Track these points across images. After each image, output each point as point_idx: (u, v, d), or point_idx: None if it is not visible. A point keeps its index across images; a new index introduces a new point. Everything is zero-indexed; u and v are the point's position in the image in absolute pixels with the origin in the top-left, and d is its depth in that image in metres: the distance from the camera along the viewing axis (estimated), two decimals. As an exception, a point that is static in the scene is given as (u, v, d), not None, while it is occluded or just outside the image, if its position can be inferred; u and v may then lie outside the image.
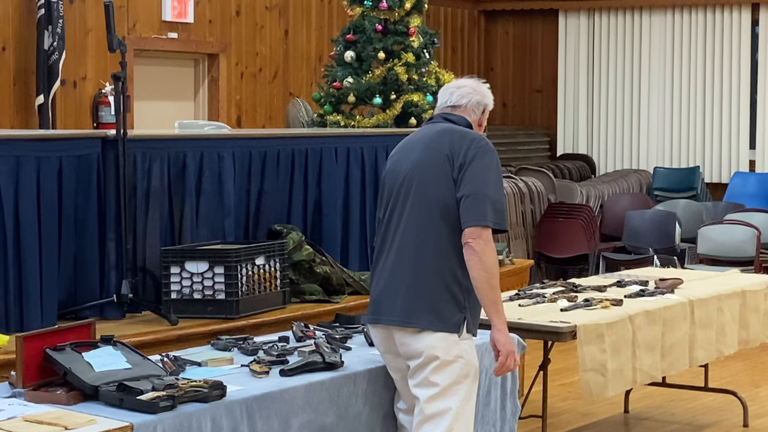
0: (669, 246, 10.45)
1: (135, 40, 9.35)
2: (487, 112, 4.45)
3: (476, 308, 4.21)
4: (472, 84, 4.44)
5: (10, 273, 5.30)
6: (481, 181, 4.10)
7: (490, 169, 4.14)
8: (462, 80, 4.52)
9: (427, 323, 4.11)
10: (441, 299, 4.12)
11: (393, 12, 8.54)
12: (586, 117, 13.01)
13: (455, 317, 4.11)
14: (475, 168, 4.12)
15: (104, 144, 5.78)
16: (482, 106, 4.43)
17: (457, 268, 4.12)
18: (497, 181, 4.14)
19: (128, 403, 3.70)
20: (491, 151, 4.19)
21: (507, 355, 4.16)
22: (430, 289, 4.12)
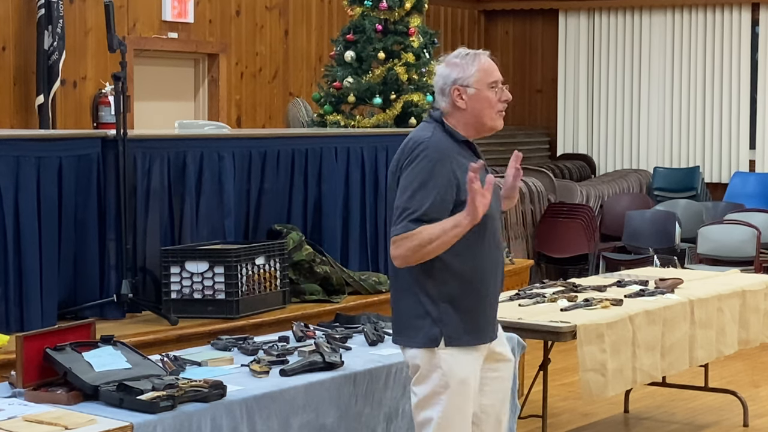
0: (669, 246, 10.45)
1: (135, 40, 9.35)
2: (459, 87, 3.94)
3: (458, 317, 3.93)
4: (440, 68, 4.04)
5: (10, 273, 5.30)
6: (401, 193, 3.87)
7: (413, 177, 3.85)
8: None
9: (407, 340, 3.99)
10: (414, 314, 3.96)
11: (393, 12, 8.54)
12: (586, 117, 13.01)
13: (431, 331, 3.92)
14: (402, 180, 3.89)
15: (104, 144, 5.78)
16: (448, 86, 3.97)
17: (424, 279, 3.92)
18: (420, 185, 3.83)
19: (128, 403, 3.70)
20: (421, 157, 3.86)
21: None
22: (405, 305, 3.99)
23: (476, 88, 3.94)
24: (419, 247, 3.80)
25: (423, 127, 4.03)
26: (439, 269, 3.91)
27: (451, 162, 3.88)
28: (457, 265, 3.92)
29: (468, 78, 3.94)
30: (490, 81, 3.96)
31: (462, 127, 3.98)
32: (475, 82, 3.94)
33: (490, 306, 4.06)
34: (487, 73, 3.96)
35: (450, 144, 3.94)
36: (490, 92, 3.96)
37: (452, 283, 3.92)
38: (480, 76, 3.95)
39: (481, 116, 3.96)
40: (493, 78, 3.97)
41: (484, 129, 4.01)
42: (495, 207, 3.98)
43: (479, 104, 3.95)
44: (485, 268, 3.99)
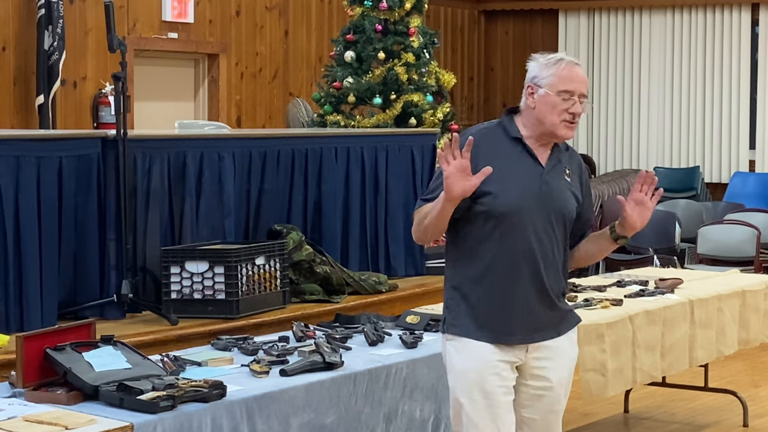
0: (669, 246, 10.45)
1: (135, 40, 9.35)
2: (533, 85, 3.93)
3: (464, 307, 3.89)
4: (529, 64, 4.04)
5: (10, 273, 5.30)
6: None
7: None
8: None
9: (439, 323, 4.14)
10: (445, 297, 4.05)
11: (393, 12, 8.55)
12: (586, 117, 13.00)
13: (443, 317, 3.99)
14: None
15: (104, 144, 5.79)
16: (527, 83, 3.98)
17: (448, 264, 3.99)
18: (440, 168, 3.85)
19: (128, 403, 3.70)
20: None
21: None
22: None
23: (547, 91, 3.88)
24: (418, 223, 3.86)
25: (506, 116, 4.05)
26: (455, 256, 3.94)
27: (479, 151, 3.80)
28: (467, 255, 3.89)
29: (543, 78, 3.90)
30: (562, 89, 3.87)
31: (529, 125, 3.93)
32: (547, 84, 3.88)
33: (510, 309, 3.89)
34: (561, 80, 3.88)
35: (495, 136, 3.93)
36: (558, 98, 3.87)
37: (465, 272, 3.90)
38: (554, 80, 3.88)
39: (544, 119, 3.88)
40: (566, 87, 3.87)
41: (548, 133, 3.91)
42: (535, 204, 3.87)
43: (545, 107, 3.88)
44: (504, 267, 3.86)
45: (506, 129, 3.95)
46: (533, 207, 3.88)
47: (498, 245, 3.85)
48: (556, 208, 3.91)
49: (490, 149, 3.87)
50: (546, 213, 3.90)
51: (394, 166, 7.22)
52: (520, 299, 3.90)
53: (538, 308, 3.91)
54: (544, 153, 3.94)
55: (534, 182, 3.87)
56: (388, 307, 6.43)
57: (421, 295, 6.74)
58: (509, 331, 3.89)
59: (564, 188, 3.95)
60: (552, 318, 3.95)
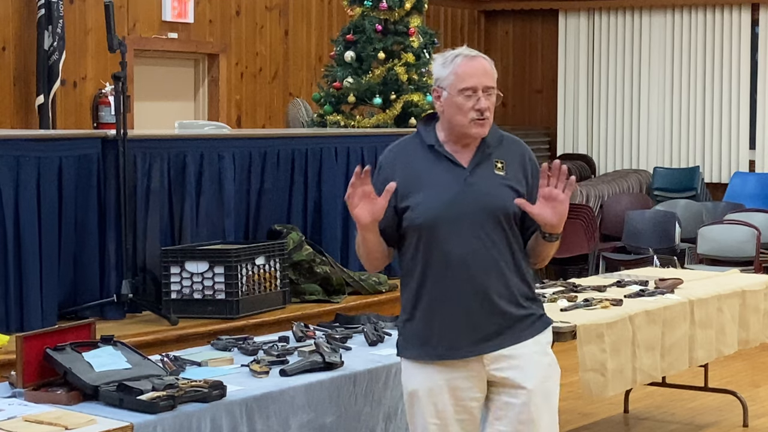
0: (669, 246, 10.45)
1: (135, 40, 9.35)
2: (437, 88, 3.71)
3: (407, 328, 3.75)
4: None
5: (10, 273, 5.30)
6: None
7: None
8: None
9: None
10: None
11: (393, 12, 8.54)
12: (586, 117, 13.01)
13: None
14: None
15: (104, 144, 5.79)
16: (433, 89, 3.78)
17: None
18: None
19: (128, 403, 3.70)
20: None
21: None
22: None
23: (449, 93, 3.68)
24: (358, 251, 3.77)
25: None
26: (401, 277, 3.80)
27: (395, 167, 3.73)
28: (405, 273, 3.75)
29: (443, 80, 3.70)
30: (462, 87, 3.67)
31: (445, 129, 3.75)
32: (448, 85, 3.68)
33: (449, 322, 3.69)
34: (459, 78, 3.67)
35: (411, 147, 3.79)
36: (461, 98, 3.67)
37: (405, 291, 3.76)
38: (452, 80, 3.68)
39: (453, 121, 3.70)
40: (466, 84, 3.66)
41: (462, 135, 3.72)
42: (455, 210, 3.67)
43: (451, 109, 3.69)
44: (438, 282, 3.67)
45: (422, 137, 3.77)
46: (456, 212, 3.67)
47: (425, 258, 3.67)
48: (486, 207, 3.68)
49: (407, 162, 3.74)
50: (474, 215, 3.68)
51: (394, 166, 7.22)
52: (457, 311, 3.68)
53: (481, 317, 3.68)
54: (466, 153, 3.73)
55: (454, 186, 3.67)
56: (388, 307, 6.43)
57: (421, 295, 6.73)
58: (452, 345, 3.69)
59: (495, 184, 3.71)
60: (504, 324, 3.70)
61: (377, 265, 3.76)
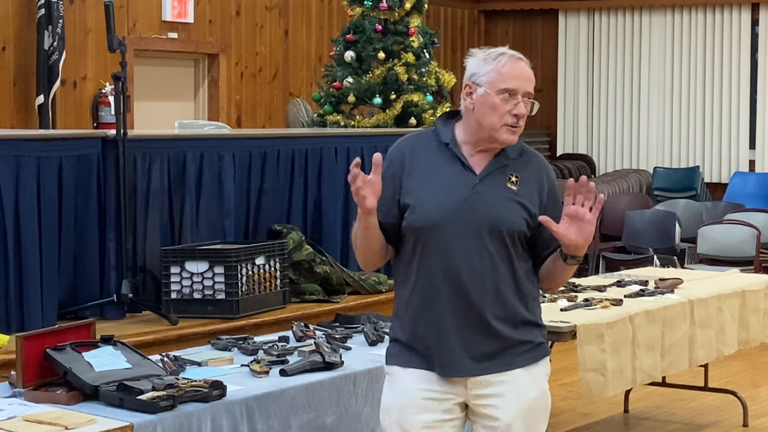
0: (669, 246, 10.45)
1: (135, 40, 9.35)
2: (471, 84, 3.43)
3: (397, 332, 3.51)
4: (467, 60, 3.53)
5: (11, 273, 5.30)
6: None
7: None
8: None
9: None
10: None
11: (393, 12, 8.54)
12: (586, 117, 13.01)
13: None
14: None
15: (104, 144, 5.79)
16: (466, 84, 3.47)
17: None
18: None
19: (128, 403, 3.70)
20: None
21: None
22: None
23: (486, 90, 3.39)
24: (354, 247, 3.51)
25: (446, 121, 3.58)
26: (395, 280, 3.57)
27: (404, 160, 3.48)
28: (399, 278, 3.51)
29: (482, 76, 3.40)
30: (503, 87, 3.40)
31: (468, 130, 3.46)
32: (487, 82, 3.39)
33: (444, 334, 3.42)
34: (501, 77, 3.39)
35: (427, 142, 3.49)
36: (498, 98, 3.40)
37: (397, 296, 3.52)
38: (493, 77, 3.39)
39: (483, 121, 3.41)
40: (507, 85, 3.40)
41: (488, 138, 3.43)
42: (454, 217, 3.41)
43: (484, 108, 3.40)
44: (432, 288, 3.40)
45: (438, 134, 3.49)
46: (458, 219, 3.39)
47: (420, 265, 3.41)
48: (491, 220, 3.40)
49: (417, 156, 3.47)
50: (476, 226, 3.40)
51: (394, 166, 7.22)
52: (447, 327, 3.41)
53: (472, 337, 3.40)
54: (481, 160, 3.44)
55: (461, 191, 3.39)
56: (388, 307, 6.41)
57: (421, 295, 6.73)
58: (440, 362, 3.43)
59: (505, 197, 3.42)
60: (496, 348, 3.41)
61: (374, 260, 3.48)
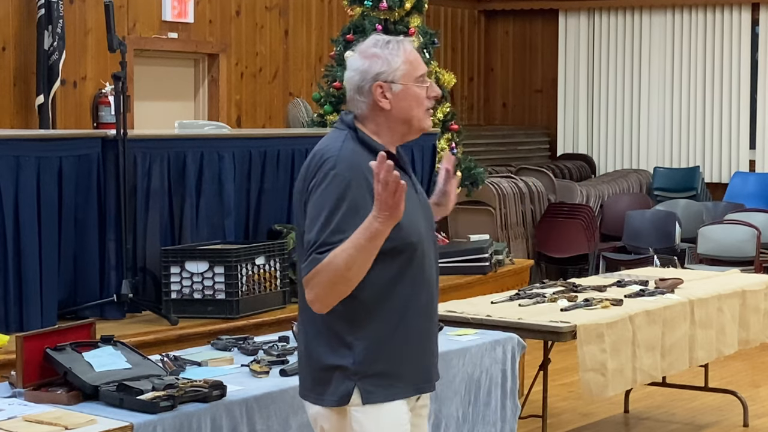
0: (669, 246, 10.45)
1: (135, 40, 9.35)
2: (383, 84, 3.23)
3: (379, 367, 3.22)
4: (354, 60, 3.30)
5: (10, 273, 5.30)
6: (310, 224, 3.17)
7: (322, 203, 3.16)
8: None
9: (316, 397, 3.29)
10: (325, 365, 3.24)
11: (393, 12, 8.54)
12: (586, 117, 13.01)
13: (341, 386, 3.21)
14: (310, 208, 3.20)
15: (104, 144, 5.78)
16: (367, 83, 3.25)
17: (339, 322, 3.21)
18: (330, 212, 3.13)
19: (128, 403, 3.70)
20: (330, 177, 3.17)
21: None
22: (315, 352, 3.27)
23: (403, 84, 3.25)
24: (337, 277, 3.09)
25: (333, 136, 3.32)
26: (356, 310, 3.20)
27: (367, 180, 3.14)
28: (378, 304, 3.21)
29: (393, 72, 3.25)
30: (418, 75, 3.28)
31: (385, 132, 3.29)
32: (402, 76, 3.25)
33: (424, 351, 3.34)
34: (414, 66, 3.27)
35: (365, 157, 3.21)
36: (418, 88, 3.28)
37: (373, 326, 3.21)
38: (407, 69, 3.25)
39: (409, 117, 3.28)
40: (421, 71, 3.29)
41: (412, 131, 3.32)
42: (425, 228, 3.32)
43: (407, 103, 3.26)
44: (416, 306, 3.27)
45: (367, 144, 3.26)
46: (426, 230, 3.34)
47: (409, 279, 3.25)
48: (433, 224, 3.42)
49: (369, 172, 3.11)
50: (432, 233, 3.40)
51: (394, 166, 7.21)
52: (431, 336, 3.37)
53: (436, 348, 3.41)
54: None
55: (414, 199, 3.27)
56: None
57: (421, 295, 6.72)
58: (429, 377, 3.37)
59: (425, 200, 3.44)
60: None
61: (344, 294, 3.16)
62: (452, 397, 4.74)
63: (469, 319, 5.42)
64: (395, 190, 2.98)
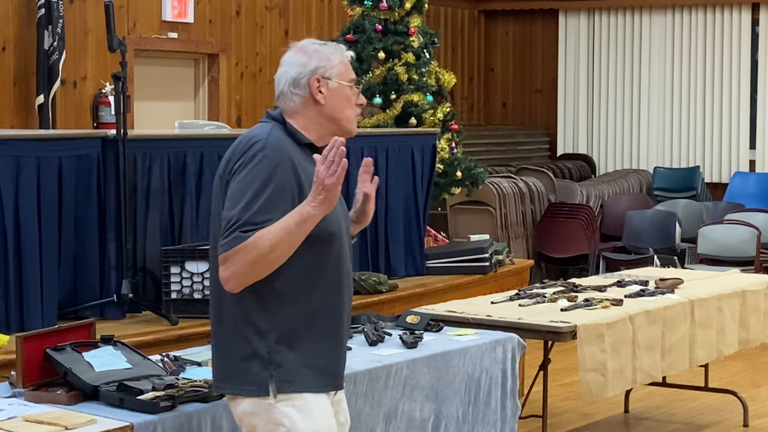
0: (669, 246, 10.45)
1: (135, 40, 9.35)
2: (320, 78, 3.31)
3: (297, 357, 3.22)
4: (291, 55, 3.39)
5: (10, 273, 5.30)
6: (232, 201, 3.18)
7: (248, 182, 3.17)
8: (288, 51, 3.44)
9: (233, 387, 3.29)
10: (241, 355, 3.23)
11: (393, 12, 8.54)
12: (586, 117, 13.01)
13: (260, 376, 3.21)
14: (234, 185, 3.21)
15: (104, 144, 5.78)
16: (305, 76, 3.34)
17: (254, 310, 3.20)
18: (256, 191, 3.15)
19: (128, 403, 3.70)
20: (258, 158, 3.19)
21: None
22: (231, 344, 3.26)
23: (338, 82, 3.33)
24: (260, 257, 3.09)
25: (259, 126, 3.37)
26: (272, 298, 3.21)
27: (294, 165, 3.22)
28: (293, 293, 3.23)
29: (331, 68, 3.33)
30: (351, 77, 3.37)
31: (314, 127, 3.34)
32: (338, 74, 3.33)
33: (338, 347, 3.34)
34: (348, 69, 3.38)
35: (291, 146, 3.27)
36: (350, 90, 3.36)
37: (287, 314, 3.22)
38: (342, 69, 3.34)
39: (339, 115, 3.34)
40: (353, 76, 3.39)
41: (339, 131, 3.35)
42: (344, 225, 3.37)
43: (339, 101, 3.33)
44: (331, 299, 3.29)
45: (293, 135, 3.32)
46: (343, 223, 3.38)
47: (325, 275, 3.27)
48: (348, 221, 3.47)
49: (296, 160, 3.25)
50: (348, 237, 3.43)
51: (394, 166, 7.22)
52: (344, 334, 3.38)
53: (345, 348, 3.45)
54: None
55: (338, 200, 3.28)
56: (388, 307, 6.42)
57: (421, 295, 6.74)
58: (342, 374, 3.40)
59: (345, 206, 3.51)
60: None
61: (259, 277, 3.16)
62: (452, 397, 4.74)
63: (469, 319, 5.42)
64: (336, 171, 3.07)
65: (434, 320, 5.14)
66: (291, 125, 3.33)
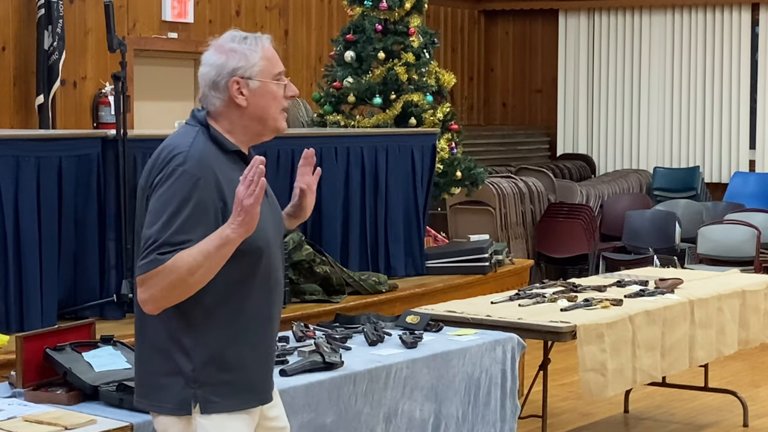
0: (669, 246, 10.45)
1: (135, 40, 9.35)
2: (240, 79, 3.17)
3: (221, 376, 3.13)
4: (210, 55, 3.30)
5: (10, 273, 5.30)
6: (151, 219, 3.07)
7: (167, 199, 3.05)
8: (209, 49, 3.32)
9: (153, 404, 3.20)
10: (163, 371, 3.14)
11: (393, 12, 8.53)
12: (586, 117, 13.01)
13: (181, 394, 3.11)
14: (154, 202, 3.10)
15: (104, 144, 5.78)
16: (223, 79, 3.19)
17: (177, 327, 3.10)
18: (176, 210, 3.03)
19: (128, 403, 3.70)
20: (177, 173, 3.06)
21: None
22: (153, 359, 3.17)
23: (260, 81, 3.18)
24: (178, 281, 2.99)
25: (183, 131, 3.21)
26: (198, 315, 3.11)
27: (217, 180, 3.08)
28: (220, 309, 3.13)
29: (251, 68, 3.18)
30: (276, 72, 3.22)
31: (239, 130, 3.20)
32: (259, 72, 3.18)
33: (266, 359, 3.27)
34: (272, 63, 3.21)
35: (215, 155, 3.14)
36: (275, 86, 3.21)
37: (214, 331, 3.13)
38: (264, 65, 3.19)
39: (265, 115, 3.21)
40: (279, 69, 3.23)
41: (266, 131, 3.26)
42: (273, 233, 3.24)
43: (263, 100, 3.19)
44: (259, 311, 3.19)
45: (219, 142, 3.17)
46: (274, 234, 3.26)
47: (252, 287, 3.17)
48: (281, 229, 3.38)
49: (220, 171, 3.11)
50: (279, 239, 3.33)
51: (394, 166, 7.22)
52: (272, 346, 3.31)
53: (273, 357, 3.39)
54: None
55: (265, 203, 3.14)
56: (388, 307, 6.42)
57: (421, 295, 6.74)
58: (269, 387, 3.33)
59: (275, 203, 3.38)
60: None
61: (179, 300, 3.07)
62: (452, 397, 4.74)
63: (469, 319, 5.43)
64: (254, 191, 2.93)
65: (434, 320, 5.14)
66: (215, 130, 3.19)
